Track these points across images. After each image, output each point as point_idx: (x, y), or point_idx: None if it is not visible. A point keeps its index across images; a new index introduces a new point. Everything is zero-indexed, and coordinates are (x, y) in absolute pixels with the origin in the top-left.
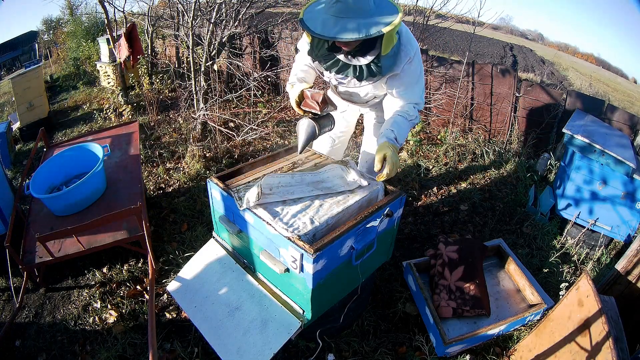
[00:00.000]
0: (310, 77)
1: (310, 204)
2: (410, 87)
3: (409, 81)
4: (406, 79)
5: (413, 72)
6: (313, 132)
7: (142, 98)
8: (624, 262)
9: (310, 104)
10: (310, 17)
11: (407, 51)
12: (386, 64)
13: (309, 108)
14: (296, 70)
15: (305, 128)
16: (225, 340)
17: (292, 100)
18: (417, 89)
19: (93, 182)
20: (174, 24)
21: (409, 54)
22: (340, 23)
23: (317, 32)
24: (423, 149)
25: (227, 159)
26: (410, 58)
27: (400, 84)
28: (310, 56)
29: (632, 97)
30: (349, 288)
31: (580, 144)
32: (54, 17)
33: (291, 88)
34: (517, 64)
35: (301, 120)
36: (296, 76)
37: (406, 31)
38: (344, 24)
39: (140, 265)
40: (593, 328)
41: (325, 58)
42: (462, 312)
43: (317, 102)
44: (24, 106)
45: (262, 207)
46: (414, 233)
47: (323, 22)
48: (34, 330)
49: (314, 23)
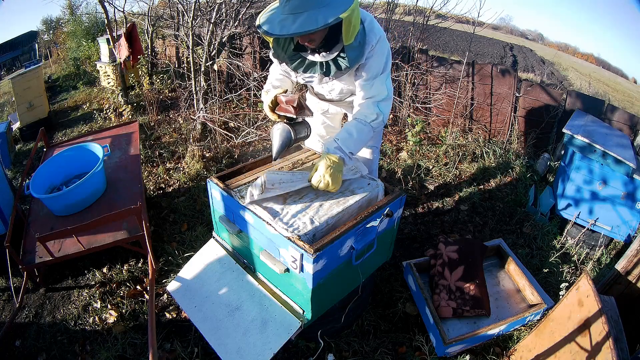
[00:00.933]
0: (286, 85)
1: (310, 204)
2: (371, 78)
3: (372, 71)
4: (368, 68)
5: (376, 60)
6: (289, 137)
7: (142, 98)
8: (624, 262)
9: (285, 107)
10: (267, 21)
11: (370, 39)
12: (352, 56)
13: (283, 112)
14: (271, 79)
15: (280, 133)
16: (225, 340)
17: (266, 106)
18: (379, 81)
19: (93, 182)
20: (174, 24)
21: (371, 42)
22: (298, 19)
23: (276, 33)
24: (423, 149)
25: (227, 159)
26: (373, 45)
27: (363, 73)
28: (277, 59)
29: (632, 97)
30: (349, 288)
31: (580, 144)
32: (54, 17)
33: (265, 94)
34: (517, 64)
35: (275, 125)
36: (271, 84)
37: (370, 19)
38: (301, 18)
39: (140, 265)
40: (593, 328)
41: (291, 59)
42: (462, 312)
43: (292, 106)
44: (24, 106)
45: (262, 207)
46: (414, 233)
47: (280, 23)
48: (34, 330)
49: (271, 26)
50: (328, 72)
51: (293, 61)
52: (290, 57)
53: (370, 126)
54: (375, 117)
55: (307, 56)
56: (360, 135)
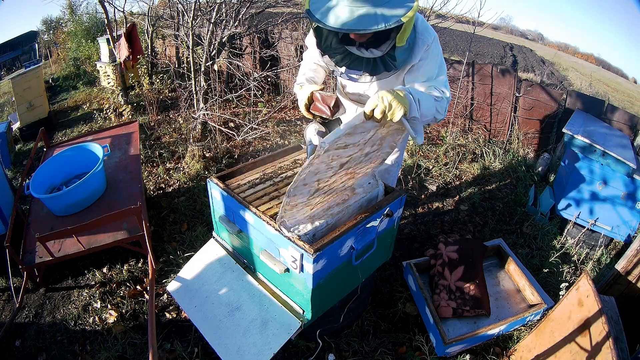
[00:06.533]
0: (320, 77)
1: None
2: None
3: (430, 69)
4: (426, 67)
5: (432, 59)
6: None
7: (142, 98)
8: (624, 262)
9: (320, 107)
10: (318, 7)
11: (425, 39)
12: (401, 57)
13: (318, 112)
14: (304, 70)
15: (315, 135)
16: (225, 341)
17: (301, 103)
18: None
19: (93, 182)
20: (174, 24)
21: (427, 41)
22: (356, 13)
23: (329, 25)
24: (423, 149)
25: (227, 159)
26: (428, 45)
27: (421, 74)
28: (319, 49)
29: (632, 97)
30: (349, 288)
31: (581, 144)
32: (54, 17)
33: (300, 89)
34: (517, 64)
35: (310, 126)
36: (305, 76)
37: (422, 20)
38: (359, 13)
39: (140, 265)
40: (593, 328)
41: (335, 51)
42: (462, 312)
43: (328, 106)
44: (24, 106)
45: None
46: (414, 233)
47: (334, 13)
48: (34, 330)
49: (323, 14)
50: (375, 70)
51: (337, 54)
52: (335, 49)
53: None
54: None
55: (352, 50)
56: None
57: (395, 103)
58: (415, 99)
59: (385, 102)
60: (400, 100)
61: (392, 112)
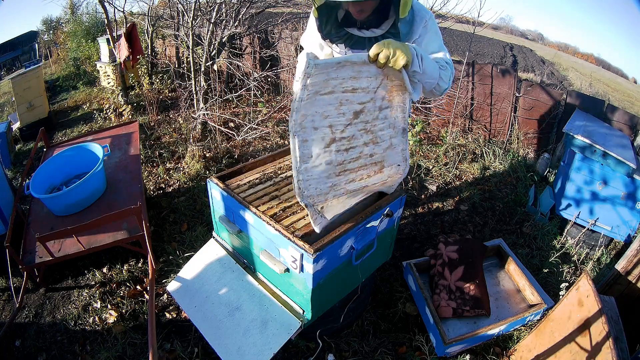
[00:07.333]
0: None
1: None
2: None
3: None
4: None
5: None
6: None
7: (142, 98)
8: (624, 262)
9: None
10: None
11: (422, 15)
12: (405, 30)
13: None
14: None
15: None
16: (225, 341)
17: None
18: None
19: (93, 182)
20: (174, 24)
21: (425, 17)
22: None
23: None
24: (423, 149)
25: (227, 159)
26: (426, 21)
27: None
28: (320, 33)
29: (632, 97)
30: (349, 288)
31: (581, 144)
32: (54, 17)
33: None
34: (517, 64)
35: None
36: None
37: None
38: None
39: (140, 265)
40: (593, 328)
41: (337, 33)
42: (462, 312)
43: None
44: (24, 106)
45: None
46: (414, 233)
47: None
48: (34, 330)
49: None
50: None
51: (339, 37)
52: (336, 32)
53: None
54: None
55: (354, 32)
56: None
57: (399, 52)
58: (419, 55)
59: (390, 49)
60: (404, 50)
61: (395, 58)
